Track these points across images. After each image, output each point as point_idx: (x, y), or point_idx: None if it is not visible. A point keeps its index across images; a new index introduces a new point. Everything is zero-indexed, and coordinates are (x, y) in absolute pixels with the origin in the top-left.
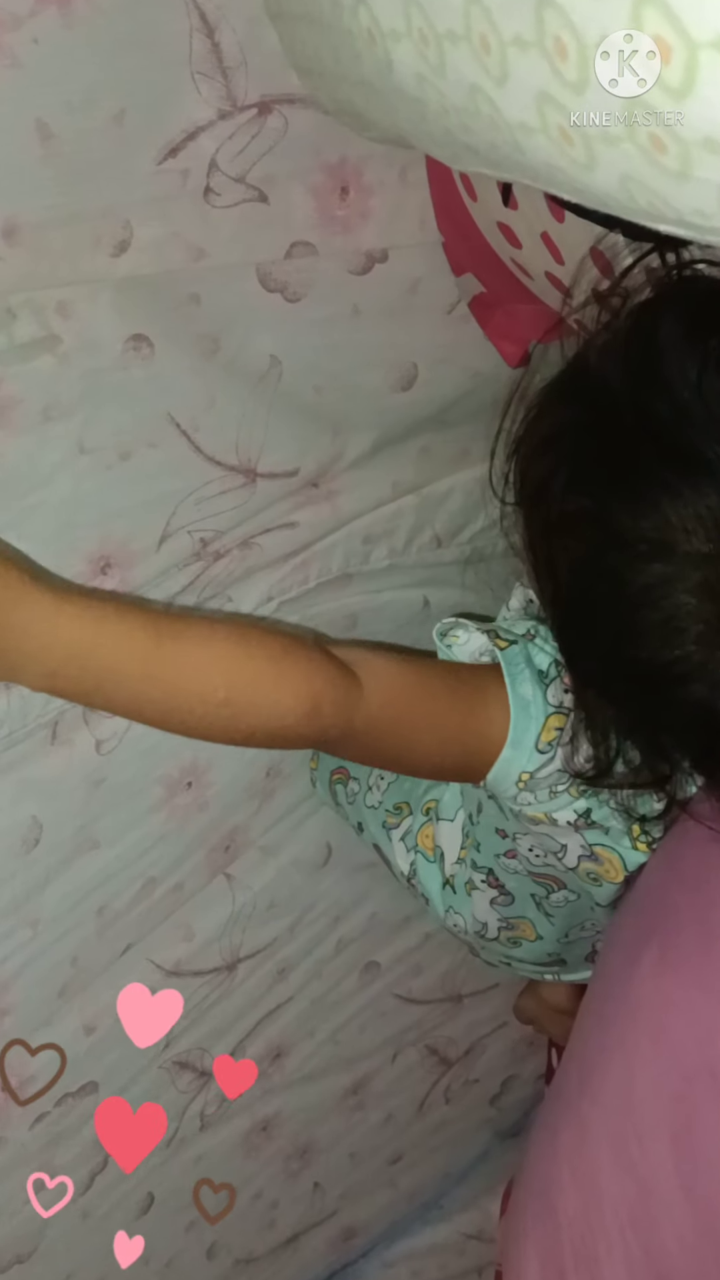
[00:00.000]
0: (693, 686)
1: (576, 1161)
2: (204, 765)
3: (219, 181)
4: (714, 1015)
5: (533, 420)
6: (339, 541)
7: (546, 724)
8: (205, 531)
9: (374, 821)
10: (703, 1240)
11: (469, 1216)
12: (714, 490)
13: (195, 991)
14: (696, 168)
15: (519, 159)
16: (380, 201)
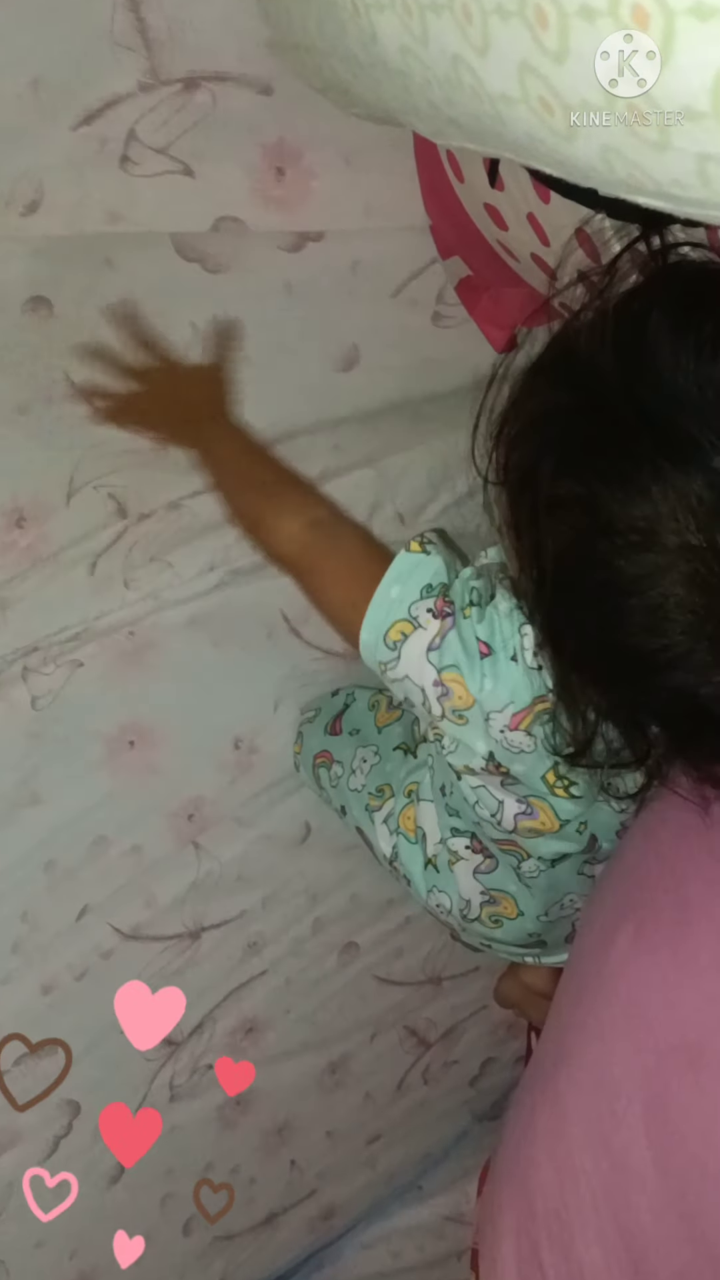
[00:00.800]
0: (676, 674)
1: (552, 1139)
2: (146, 726)
3: (137, 151)
4: (688, 992)
5: (519, 400)
6: None
7: (394, 625)
8: (113, 487)
9: (357, 805)
10: (674, 1214)
11: (448, 1198)
12: (705, 481)
13: (157, 957)
14: (675, 137)
15: (501, 131)
16: (322, 184)
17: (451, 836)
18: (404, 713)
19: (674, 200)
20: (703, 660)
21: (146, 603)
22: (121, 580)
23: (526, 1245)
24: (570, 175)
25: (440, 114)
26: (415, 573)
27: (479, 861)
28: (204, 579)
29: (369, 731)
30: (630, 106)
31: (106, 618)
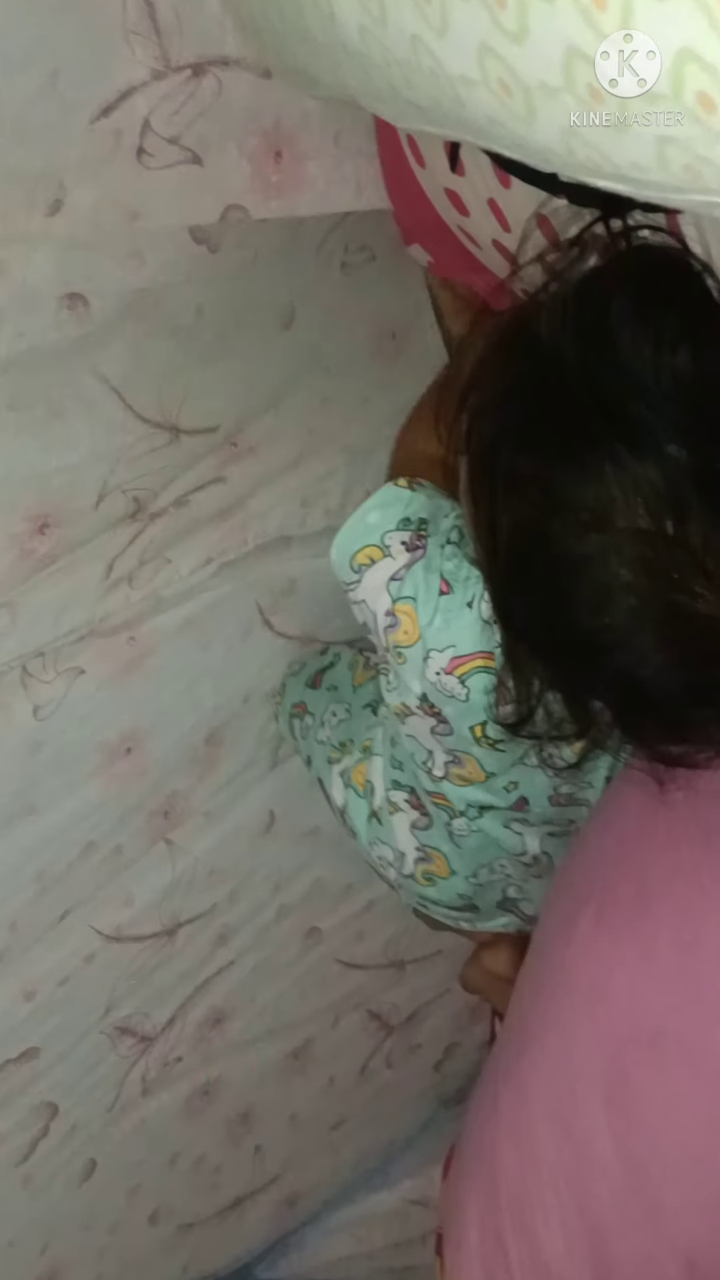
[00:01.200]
0: (619, 655)
1: (515, 1125)
2: (145, 731)
3: (152, 142)
4: (649, 976)
5: (481, 373)
6: (277, 504)
7: (363, 550)
8: (139, 490)
9: (320, 756)
10: (636, 1199)
11: (413, 1183)
12: (658, 466)
13: (136, 957)
14: (633, 119)
15: (461, 113)
16: (315, 166)
17: (393, 789)
18: (379, 673)
19: (633, 183)
20: (645, 643)
21: (147, 602)
22: (127, 580)
23: (490, 1231)
24: (530, 158)
25: (400, 96)
26: (396, 504)
27: (415, 817)
28: (199, 574)
29: (345, 689)
30: (590, 89)
31: (110, 619)
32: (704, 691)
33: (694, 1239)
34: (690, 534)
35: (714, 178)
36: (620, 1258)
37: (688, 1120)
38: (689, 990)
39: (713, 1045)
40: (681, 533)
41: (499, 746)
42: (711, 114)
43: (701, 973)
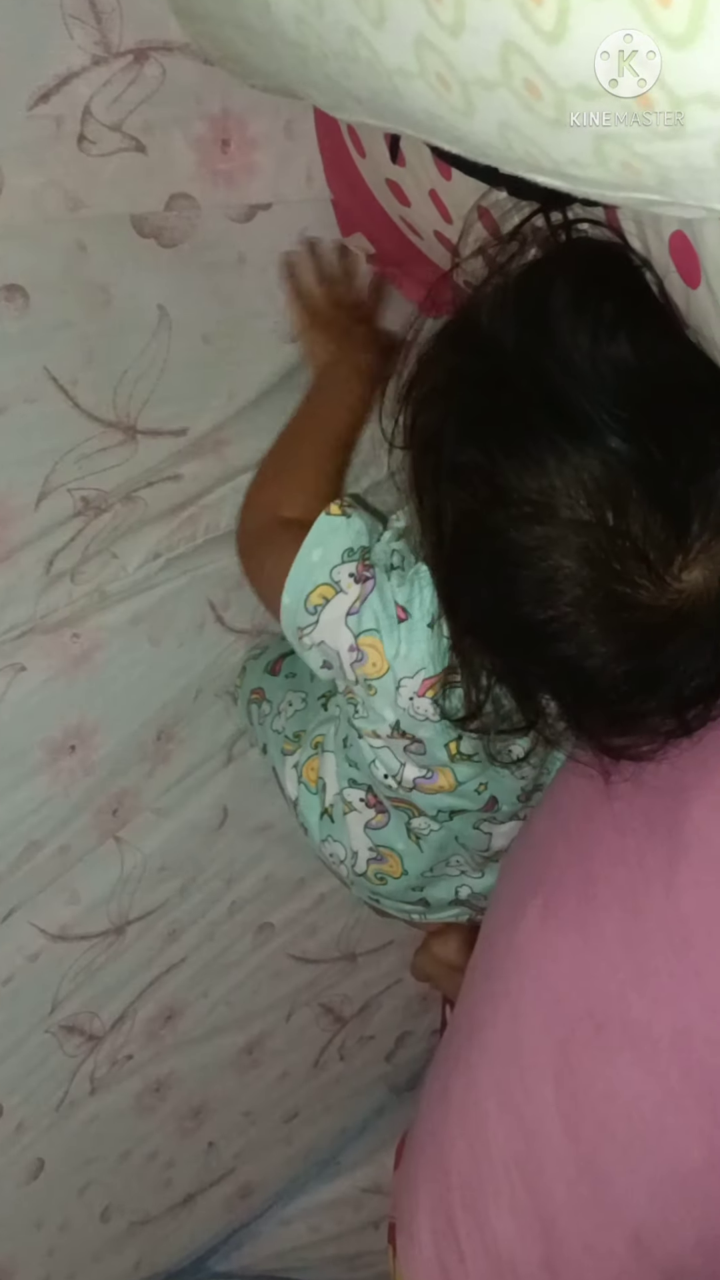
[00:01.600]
0: (563, 645)
1: (465, 1110)
2: (90, 728)
3: (93, 129)
4: (594, 961)
5: (425, 365)
6: (228, 495)
7: (316, 590)
8: (87, 490)
9: (274, 745)
10: (584, 1181)
11: (365, 1171)
12: (598, 458)
13: (83, 955)
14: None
15: (399, 106)
16: (265, 156)
17: (348, 787)
18: (346, 704)
19: (571, 180)
20: (589, 633)
21: (91, 598)
22: (69, 576)
23: (442, 1216)
24: (469, 152)
25: (338, 87)
26: (336, 536)
27: (371, 816)
28: (146, 569)
29: (303, 677)
30: (527, 82)
31: (53, 615)
32: (647, 681)
33: (641, 1216)
34: (631, 524)
35: (652, 175)
36: (569, 1236)
37: (634, 1102)
38: (633, 976)
39: (658, 1028)
40: (622, 523)
41: (474, 759)
42: (649, 111)
43: (645, 960)
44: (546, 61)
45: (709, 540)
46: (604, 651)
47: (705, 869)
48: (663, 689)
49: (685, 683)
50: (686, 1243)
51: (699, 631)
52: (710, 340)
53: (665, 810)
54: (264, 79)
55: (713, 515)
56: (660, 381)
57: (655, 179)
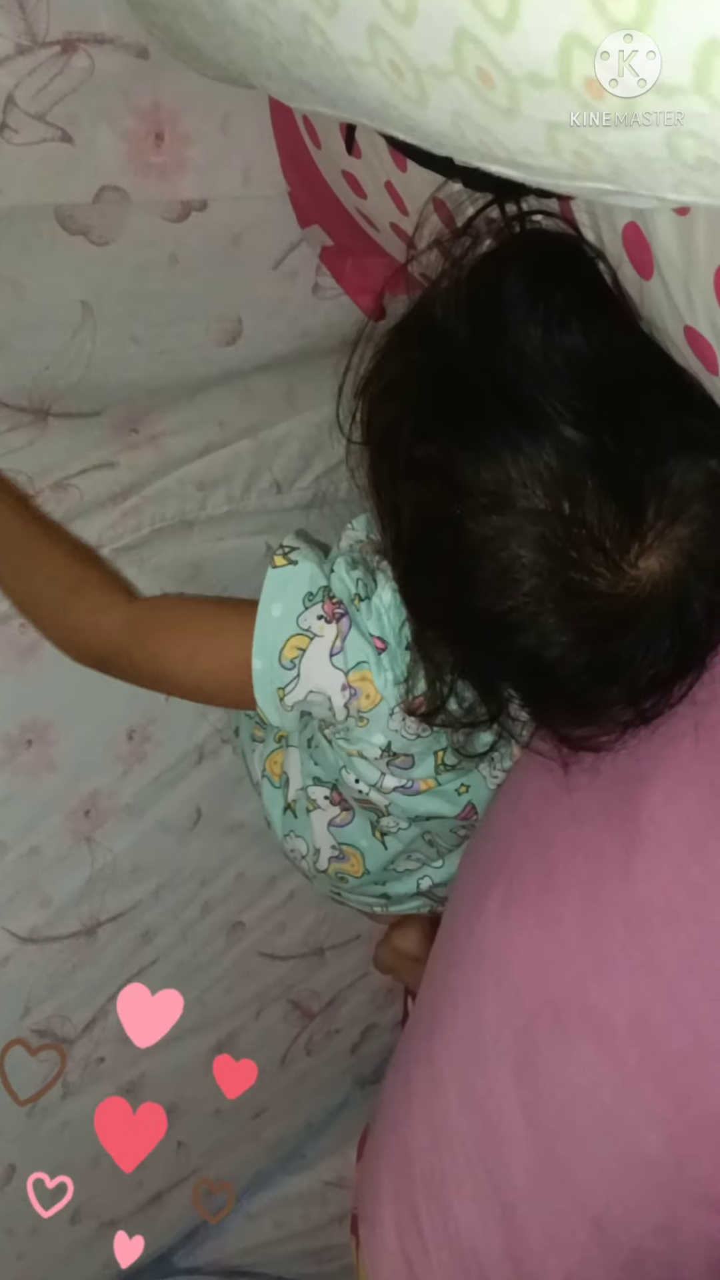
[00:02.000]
0: (523, 636)
1: (427, 1101)
2: (44, 723)
3: (16, 118)
4: (554, 950)
5: (381, 361)
6: (171, 487)
7: (288, 642)
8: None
9: (245, 730)
10: (545, 1169)
11: (330, 1164)
12: (553, 447)
13: (54, 958)
14: (524, 104)
15: (353, 94)
16: (199, 152)
17: (313, 784)
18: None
19: (525, 169)
20: (548, 623)
21: None
22: None
23: (405, 1207)
24: (423, 141)
25: (291, 76)
26: (290, 585)
27: (335, 814)
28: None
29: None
30: (479, 70)
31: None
32: (607, 671)
33: (601, 1202)
34: (586, 513)
35: (604, 165)
36: (530, 1223)
37: (593, 1089)
38: (592, 964)
39: (616, 1016)
40: (578, 512)
41: (461, 766)
42: (599, 99)
43: (604, 947)
44: (499, 50)
45: (664, 528)
46: (563, 641)
47: (661, 857)
48: (622, 678)
49: (644, 672)
50: (646, 1227)
51: (657, 620)
52: (664, 332)
53: (622, 799)
54: (217, 68)
55: (667, 504)
56: (613, 371)
57: (607, 168)
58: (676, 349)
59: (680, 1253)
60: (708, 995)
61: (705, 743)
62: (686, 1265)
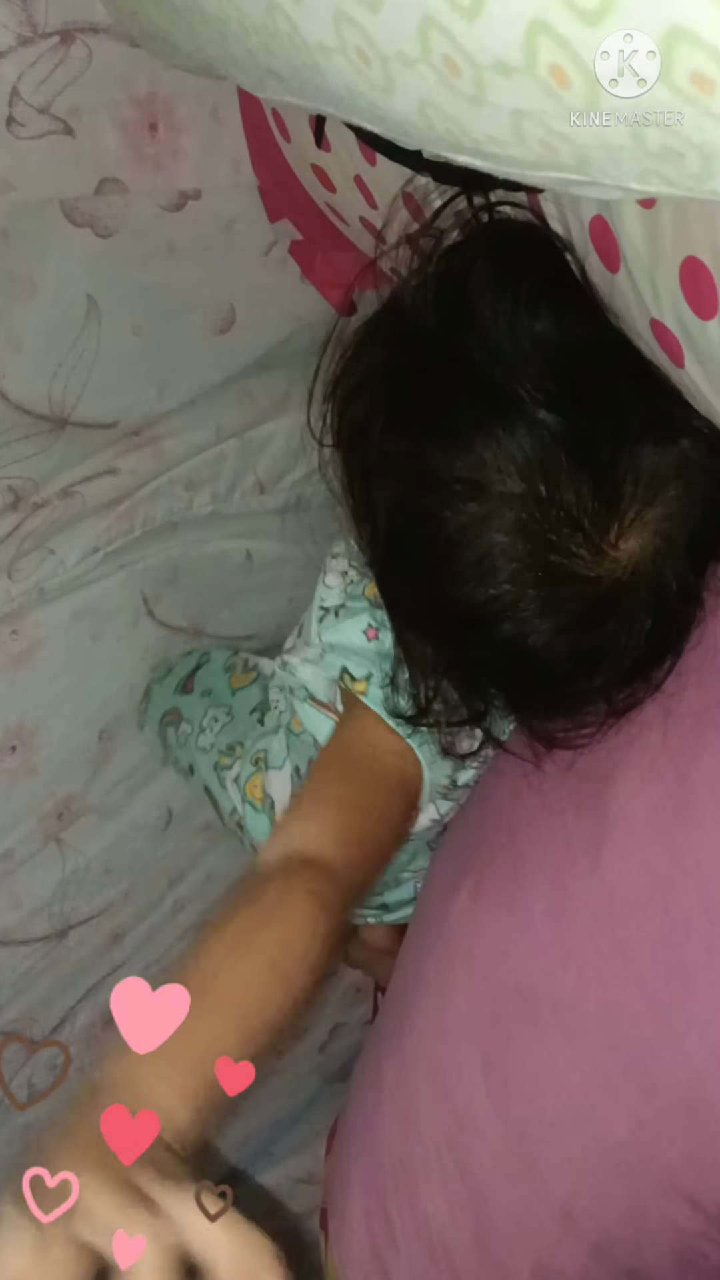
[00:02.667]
0: (505, 625)
1: (397, 1091)
2: (31, 728)
3: (22, 111)
4: (522, 940)
5: (349, 361)
6: (162, 488)
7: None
8: (14, 479)
9: (205, 764)
10: (514, 1158)
11: (298, 1160)
12: (526, 431)
13: (22, 960)
14: (489, 92)
15: (320, 83)
16: (192, 140)
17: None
18: (259, 676)
19: (491, 159)
20: (529, 609)
21: (30, 595)
22: (6, 572)
23: (374, 1199)
24: (390, 131)
25: (259, 64)
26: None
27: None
28: (85, 564)
29: (221, 692)
30: (445, 58)
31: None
32: (590, 657)
33: (569, 1190)
34: (563, 493)
35: (570, 154)
36: (499, 1214)
37: (562, 1079)
38: (560, 954)
39: (584, 1006)
40: (555, 493)
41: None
42: (565, 88)
43: (572, 937)
44: (465, 37)
45: (641, 510)
46: (545, 628)
47: (629, 847)
48: (604, 664)
49: (625, 657)
50: (614, 1215)
51: (637, 603)
52: (630, 325)
53: (591, 790)
54: (185, 58)
55: (642, 485)
56: (582, 354)
57: (573, 158)
58: (643, 342)
59: (648, 1240)
60: (675, 985)
61: (673, 734)
62: (654, 1252)
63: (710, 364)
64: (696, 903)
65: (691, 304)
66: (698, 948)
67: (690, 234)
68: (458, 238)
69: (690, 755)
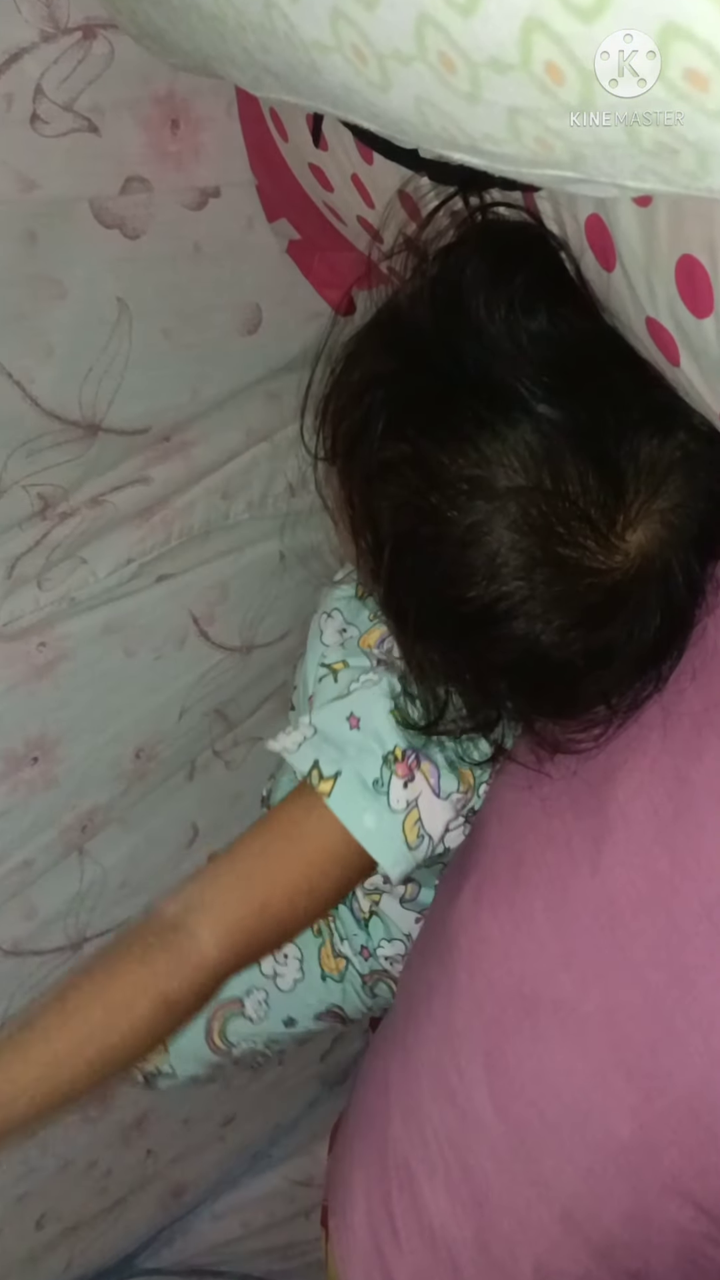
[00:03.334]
0: (516, 623)
1: (401, 1092)
2: (52, 740)
3: (46, 109)
4: (524, 941)
5: (340, 374)
6: (199, 498)
7: (405, 827)
8: (44, 487)
9: (310, 992)
10: (516, 1159)
11: (297, 1163)
12: (528, 425)
13: (35, 970)
14: (485, 89)
15: (316, 81)
16: (210, 137)
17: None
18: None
19: (487, 156)
20: (540, 606)
21: (60, 605)
22: (36, 582)
23: (377, 1197)
24: (386, 128)
25: (256, 62)
26: (356, 792)
27: (401, 891)
28: (119, 575)
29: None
30: (441, 55)
31: (18, 622)
32: (601, 653)
33: (571, 1192)
34: (569, 485)
35: (565, 151)
36: (501, 1214)
37: (563, 1080)
38: (561, 956)
39: (585, 1008)
40: (560, 485)
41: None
42: (560, 85)
43: (573, 939)
44: (460, 34)
45: (645, 501)
46: (557, 624)
47: (630, 849)
48: (616, 661)
49: (635, 653)
50: (616, 1216)
51: (646, 596)
52: (626, 324)
53: (591, 792)
54: (184, 56)
55: (645, 476)
56: (580, 348)
57: (568, 155)
58: (639, 340)
59: (650, 1241)
60: (677, 986)
61: (673, 735)
62: (656, 1253)
63: (705, 361)
64: (698, 904)
65: (687, 302)
66: (699, 949)
67: (686, 232)
68: (453, 238)
69: (691, 756)
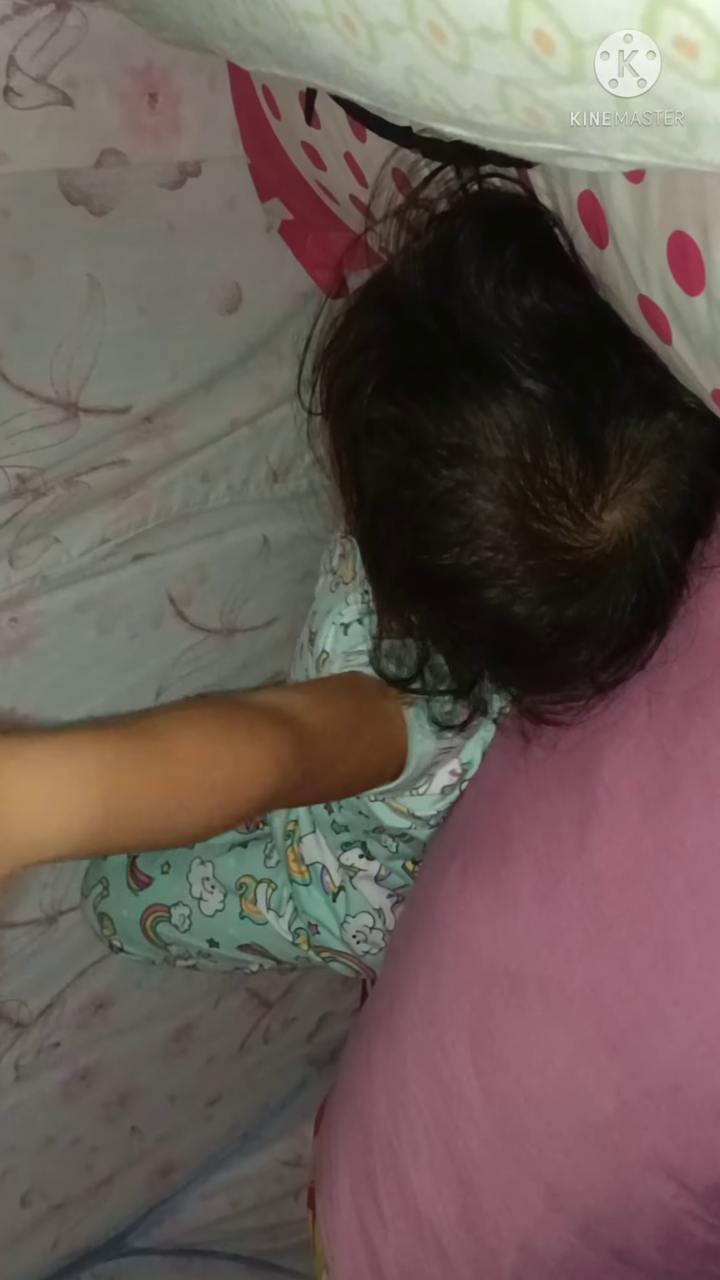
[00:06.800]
0: (490, 592)
1: (385, 1072)
2: (21, 716)
3: (20, 81)
4: (510, 920)
5: (339, 329)
6: (177, 480)
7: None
8: (22, 468)
9: (229, 923)
10: (501, 1137)
11: (286, 1144)
12: (513, 398)
13: (11, 942)
14: (475, 58)
15: (307, 52)
16: (191, 110)
17: (344, 851)
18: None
19: (478, 129)
20: (514, 577)
21: (32, 582)
22: (7, 559)
23: (362, 1177)
24: (377, 101)
25: (246, 34)
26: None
27: (376, 869)
28: (93, 554)
29: (180, 856)
30: (431, 24)
31: None
32: (575, 629)
33: (555, 1169)
34: (549, 461)
35: (555, 123)
36: (485, 1191)
37: (548, 1058)
38: (547, 935)
39: (570, 986)
40: (540, 460)
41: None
42: (550, 54)
43: (558, 918)
44: (450, 2)
45: (626, 481)
46: (530, 596)
47: (615, 828)
48: (589, 638)
49: (610, 630)
50: (600, 1193)
51: (621, 575)
52: (619, 301)
53: (578, 770)
54: (175, 30)
55: (628, 456)
56: (570, 323)
57: (558, 126)
58: (631, 318)
59: (632, 1218)
60: (661, 964)
61: (659, 714)
62: (639, 1230)
63: (697, 339)
64: (683, 883)
65: (679, 279)
66: (684, 928)
67: (678, 208)
68: (445, 208)
69: (676, 735)
